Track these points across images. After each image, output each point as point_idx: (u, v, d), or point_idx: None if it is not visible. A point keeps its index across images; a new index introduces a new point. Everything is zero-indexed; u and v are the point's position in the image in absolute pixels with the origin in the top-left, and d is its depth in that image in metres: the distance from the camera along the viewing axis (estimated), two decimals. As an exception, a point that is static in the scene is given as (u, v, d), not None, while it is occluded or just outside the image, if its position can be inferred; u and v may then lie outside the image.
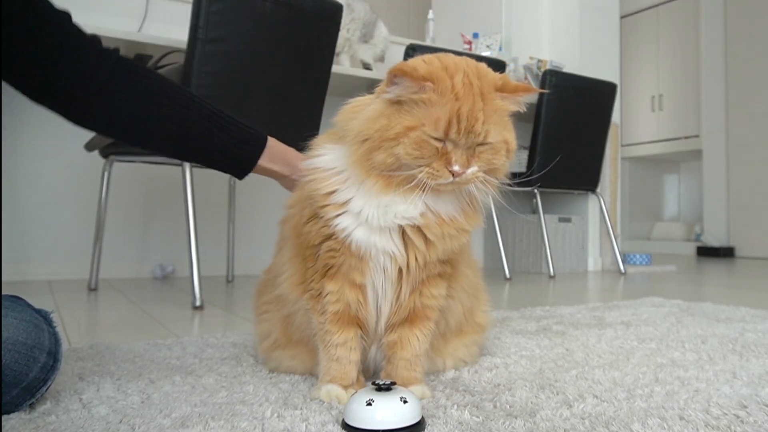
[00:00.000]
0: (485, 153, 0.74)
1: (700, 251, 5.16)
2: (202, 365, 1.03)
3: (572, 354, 1.14)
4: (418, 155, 0.71)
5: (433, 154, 0.72)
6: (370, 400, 0.70)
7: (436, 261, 0.82)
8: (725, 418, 0.75)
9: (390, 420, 0.69)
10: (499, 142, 0.74)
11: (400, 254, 0.79)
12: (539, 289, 2.51)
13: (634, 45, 5.97)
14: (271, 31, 2.02)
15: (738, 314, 1.63)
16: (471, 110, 0.71)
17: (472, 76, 0.73)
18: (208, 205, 2.77)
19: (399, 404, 0.70)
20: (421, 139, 0.71)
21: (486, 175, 0.76)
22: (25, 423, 0.73)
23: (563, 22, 3.65)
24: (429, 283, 0.84)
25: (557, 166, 3.09)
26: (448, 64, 0.74)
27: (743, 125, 5.02)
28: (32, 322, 0.78)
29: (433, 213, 0.77)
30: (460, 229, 0.79)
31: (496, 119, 0.73)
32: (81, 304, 1.89)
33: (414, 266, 0.80)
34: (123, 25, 2.64)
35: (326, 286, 0.83)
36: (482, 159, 0.74)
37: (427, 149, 0.71)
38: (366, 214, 0.76)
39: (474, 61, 0.78)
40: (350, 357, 0.84)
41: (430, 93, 0.71)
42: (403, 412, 0.70)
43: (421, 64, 0.74)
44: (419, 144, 0.71)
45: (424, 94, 0.71)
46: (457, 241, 0.80)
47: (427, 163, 0.72)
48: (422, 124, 0.71)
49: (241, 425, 0.70)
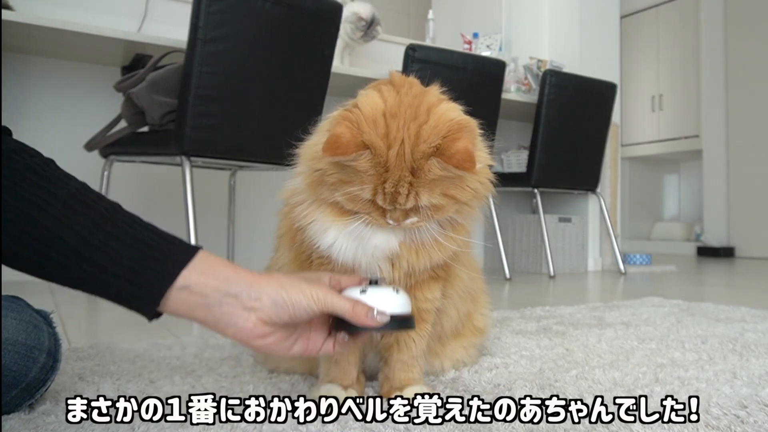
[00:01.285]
0: (425, 209, 0.72)
1: (700, 251, 5.16)
2: (202, 365, 1.03)
3: (572, 354, 1.14)
4: (354, 207, 0.73)
5: (370, 206, 0.72)
6: (364, 289, 0.72)
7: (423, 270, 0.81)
8: (725, 418, 0.75)
9: (384, 305, 0.70)
10: (439, 202, 0.72)
11: (387, 271, 0.78)
12: (539, 289, 2.51)
13: (634, 45, 5.97)
14: (271, 31, 2.02)
15: (738, 314, 1.63)
16: (396, 184, 0.69)
17: (408, 145, 0.70)
18: (208, 204, 2.77)
19: (392, 293, 0.72)
20: (355, 195, 0.72)
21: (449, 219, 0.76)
22: (25, 423, 0.73)
23: (563, 22, 3.65)
24: (422, 286, 0.83)
25: (557, 166, 3.10)
26: (390, 129, 0.70)
27: (743, 125, 5.02)
28: (32, 322, 0.78)
29: (411, 241, 0.77)
30: (441, 248, 0.78)
31: (432, 186, 0.71)
32: (81, 304, 1.89)
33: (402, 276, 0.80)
34: (123, 25, 2.64)
35: None
36: (422, 214, 0.73)
37: (362, 204, 0.72)
38: (342, 247, 0.75)
39: (427, 112, 0.72)
40: (349, 358, 0.84)
41: (363, 161, 0.70)
42: (396, 300, 0.71)
43: (365, 128, 0.70)
44: (353, 199, 0.72)
45: (359, 161, 0.70)
46: (439, 256, 0.79)
47: (366, 212, 0.73)
48: (353, 183, 0.71)
49: (240, 425, 0.70)
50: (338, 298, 0.70)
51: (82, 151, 2.17)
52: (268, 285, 0.68)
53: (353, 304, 0.70)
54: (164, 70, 2.00)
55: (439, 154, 0.70)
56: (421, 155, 0.70)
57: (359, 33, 2.92)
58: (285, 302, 0.67)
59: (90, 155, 2.22)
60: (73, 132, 2.44)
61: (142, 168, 2.61)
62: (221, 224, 2.77)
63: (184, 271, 0.66)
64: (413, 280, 0.82)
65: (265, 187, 2.92)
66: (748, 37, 4.99)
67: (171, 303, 0.66)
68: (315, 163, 0.74)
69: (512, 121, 3.70)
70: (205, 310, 0.66)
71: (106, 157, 2.18)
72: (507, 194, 3.67)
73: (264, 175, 2.87)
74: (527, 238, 3.39)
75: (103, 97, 2.58)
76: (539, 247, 3.29)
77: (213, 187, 2.78)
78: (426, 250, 0.77)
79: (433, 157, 0.70)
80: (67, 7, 2.59)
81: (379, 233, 0.75)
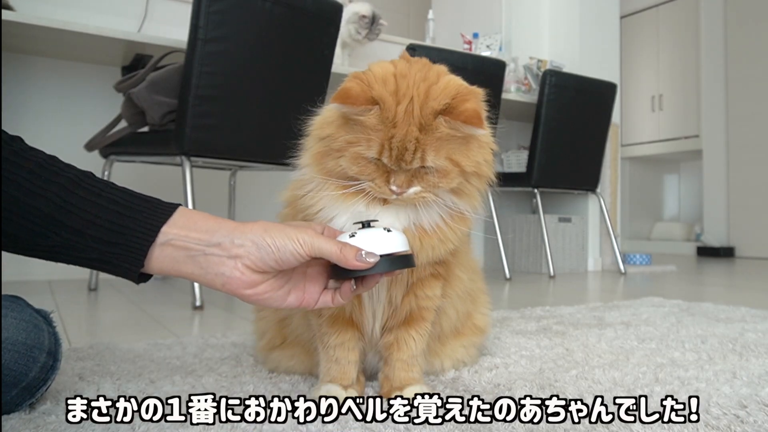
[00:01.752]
0: (429, 176, 0.72)
1: (700, 251, 5.16)
2: (202, 365, 1.03)
3: (572, 354, 1.14)
4: (358, 171, 0.72)
5: (374, 171, 0.72)
6: (353, 233, 0.70)
7: (425, 265, 0.81)
8: (725, 418, 0.75)
9: (374, 246, 0.69)
10: (445, 167, 0.72)
11: None
12: (539, 289, 2.51)
13: (634, 45, 5.97)
14: (271, 31, 2.02)
15: (738, 314, 1.63)
16: (402, 140, 0.70)
17: (417, 102, 0.71)
18: (208, 205, 2.77)
19: (382, 233, 0.70)
20: (360, 155, 0.71)
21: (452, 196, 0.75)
22: (25, 423, 0.73)
23: (563, 22, 3.65)
24: (422, 284, 0.83)
25: (557, 166, 3.10)
26: (400, 87, 0.72)
27: (743, 125, 5.02)
28: (32, 322, 0.78)
29: (415, 226, 0.76)
30: (443, 238, 0.78)
31: (439, 145, 0.71)
32: (81, 304, 1.89)
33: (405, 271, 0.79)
34: (123, 25, 2.64)
35: None
36: (426, 181, 0.72)
37: (366, 166, 0.72)
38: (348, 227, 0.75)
39: (436, 76, 0.75)
40: (349, 357, 0.84)
41: (372, 116, 0.70)
42: (388, 239, 0.70)
43: (375, 84, 0.72)
44: (358, 160, 0.72)
45: (367, 116, 0.70)
46: (442, 248, 0.79)
47: (370, 178, 0.72)
48: (359, 143, 0.71)
49: (240, 425, 0.70)
50: (326, 241, 0.68)
51: (82, 151, 2.17)
52: (252, 230, 0.67)
53: (341, 247, 0.68)
54: (164, 70, 2.00)
55: (448, 112, 0.71)
56: (430, 111, 0.71)
57: (364, 31, 2.92)
58: (269, 246, 0.66)
59: (90, 155, 2.22)
60: (73, 132, 2.44)
61: (142, 168, 2.61)
62: (221, 224, 2.77)
63: (164, 227, 0.66)
64: (415, 277, 0.82)
65: (265, 187, 2.91)
66: (748, 37, 4.99)
67: (155, 261, 0.66)
68: (322, 130, 0.75)
69: (512, 121, 3.70)
70: (191, 263, 0.66)
71: (107, 157, 2.18)
72: (507, 194, 3.67)
73: (264, 175, 2.87)
74: (527, 238, 3.40)
75: (103, 97, 2.58)
76: (539, 247, 3.29)
77: (213, 187, 2.78)
78: (429, 238, 0.77)
79: (441, 115, 0.71)
80: (67, 7, 2.59)
81: (384, 216, 0.75)
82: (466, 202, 0.78)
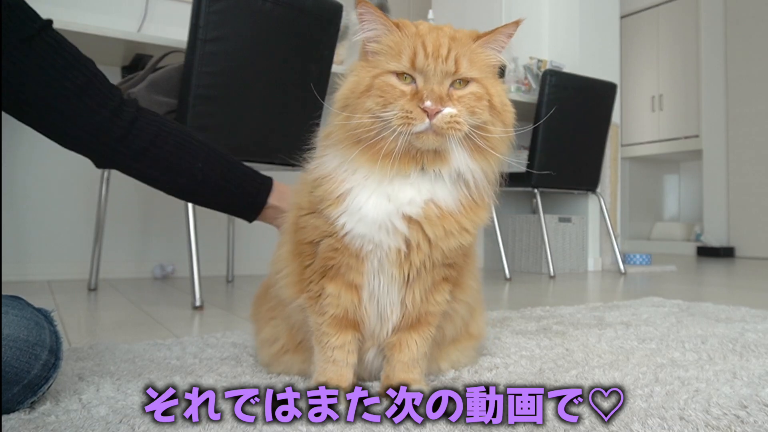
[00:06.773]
0: (464, 98, 0.72)
1: (700, 251, 5.16)
2: (202, 365, 1.03)
3: (572, 354, 1.14)
4: (385, 101, 0.71)
5: (401, 96, 0.71)
6: None
7: (440, 263, 0.80)
8: (725, 418, 0.75)
9: None
10: (476, 89, 0.73)
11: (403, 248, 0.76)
12: (539, 289, 2.51)
13: (634, 45, 5.97)
14: (271, 31, 2.01)
15: (738, 314, 1.63)
16: (435, 39, 0.72)
17: (447, 32, 0.75)
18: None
19: None
20: (387, 83, 0.71)
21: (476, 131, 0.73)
22: (25, 423, 0.73)
23: (563, 22, 3.65)
24: (433, 288, 0.83)
25: (557, 166, 3.09)
26: (429, 29, 0.76)
27: (743, 125, 5.02)
28: (33, 319, 0.78)
29: (434, 204, 0.76)
30: (461, 227, 0.77)
31: (472, 58, 0.73)
32: (81, 304, 1.89)
33: (419, 267, 0.78)
34: (123, 25, 2.64)
35: (326, 288, 0.82)
36: (461, 102, 0.72)
37: (393, 93, 0.71)
38: (369, 203, 0.74)
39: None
40: (347, 360, 0.83)
41: (395, 35, 0.73)
42: None
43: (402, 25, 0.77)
44: (385, 89, 0.71)
45: (393, 33, 0.72)
46: (459, 238, 0.78)
47: (400, 104, 0.71)
48: (387, 65, 0.72)
49: (240, 425, 0.70)
50: None
51: (82, 151, 2.17)
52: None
53: None
54: (164, 70, 2.00)
55: (478, 37, 0.76)
56: (462, 35, 0.75)
57: None
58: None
59: (90, 155, 2.22)
60: (73, 132, 2.44)
61: (142, 168, 2.61)
62: (221, 224, 2.77)
63: (270, 197, 1.10)
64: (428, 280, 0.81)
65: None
66: (748, 37, 4.99)
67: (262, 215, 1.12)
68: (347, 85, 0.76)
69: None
70: (281, 219, 0.99)
71: (106, 157, 2.18)
72: (507, 194, 3.66)
73: (264, 175, 2.87)
74: (527, 238, 3.40)
75: (103, 97, 2.58)
76: (539, 247, 3.29)
77: (213, 187, 2.78)
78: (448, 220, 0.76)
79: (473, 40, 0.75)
80: (67, 7, 2.59)
81: (407, 187, 0.74)
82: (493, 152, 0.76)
